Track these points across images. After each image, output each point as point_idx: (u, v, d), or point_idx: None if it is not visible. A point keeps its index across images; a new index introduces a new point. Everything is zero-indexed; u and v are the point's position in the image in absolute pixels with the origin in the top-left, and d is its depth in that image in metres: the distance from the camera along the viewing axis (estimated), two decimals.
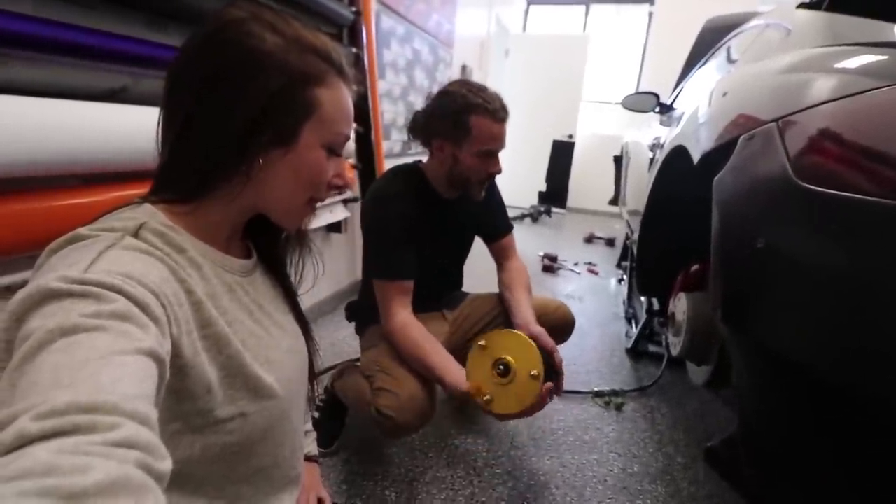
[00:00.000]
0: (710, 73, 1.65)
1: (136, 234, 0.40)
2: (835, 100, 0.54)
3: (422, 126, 1.06)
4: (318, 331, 1.96)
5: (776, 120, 0.62)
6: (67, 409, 0.23)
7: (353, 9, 1.69)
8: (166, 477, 0.25)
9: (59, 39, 0.82)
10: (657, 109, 1.93)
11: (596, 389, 1.60)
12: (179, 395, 0.40)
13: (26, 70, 0.79)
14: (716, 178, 0.73)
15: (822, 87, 0.58)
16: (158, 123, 0.46)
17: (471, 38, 3.50)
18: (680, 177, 1.09)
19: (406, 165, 1.14)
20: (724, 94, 0.85)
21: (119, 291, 0.32)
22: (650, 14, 4.87)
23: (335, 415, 1.23)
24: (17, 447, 0.21)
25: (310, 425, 0.76)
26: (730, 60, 1.48)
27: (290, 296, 0.61)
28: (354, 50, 1.74)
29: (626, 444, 1.33)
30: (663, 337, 1.86)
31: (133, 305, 0.33)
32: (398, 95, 2.34)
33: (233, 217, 0.50)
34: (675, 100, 2.08)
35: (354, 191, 1.97)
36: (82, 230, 0.38)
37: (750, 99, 0.76)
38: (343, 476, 1.14)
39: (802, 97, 0.60)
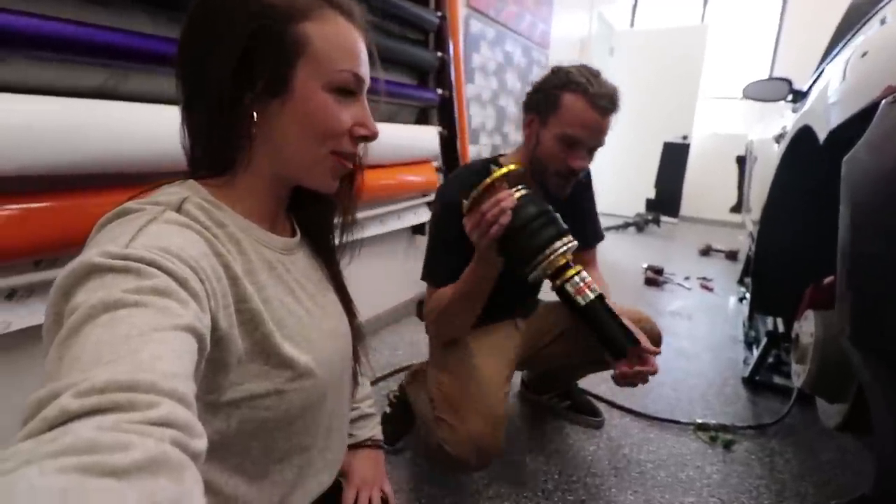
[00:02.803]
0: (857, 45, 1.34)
1: (178, 209, 0.41)
2: None
3: (525, 98, 0.98)
4: (398, 330, 2.00)
5: None
6: (107, 386, 0.24)
7: (439, 13, 1.72)
8: (202, 456, 0.25)
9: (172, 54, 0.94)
10: (790, 98, 1.64)
11: (699, 421, 1.37)
12: (215, 366, 0.41)
13: (144, 81, 0.91)
14: (846, 157, 0.57)
15: None
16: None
17: (569, 38, 3.36)
18: (807, 165, 0.88)
19: (484, 160, 1.06)
20: (864, 55, 0.67)
21: (159, 267, 0.33)
22: None
23: (406, 414, 1.21)
24: (59, 423, 0.22)
25: (373, 408, 0.74)
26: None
27: (335, 277, 0.60)
28: (440, 54, 1.76)
29: (733, 490, 1.12)
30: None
31: (172, 281, 0.33)
32: (487, 99, 2.32)
33: (265, 187, 0.48)
34: (812, 84, 1.75)
35: None
36: (131, 204, 0.40)
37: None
38: (406, 476, 1.12)
39: None
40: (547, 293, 1.21)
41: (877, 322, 0.49)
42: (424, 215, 1.90)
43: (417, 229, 1.98)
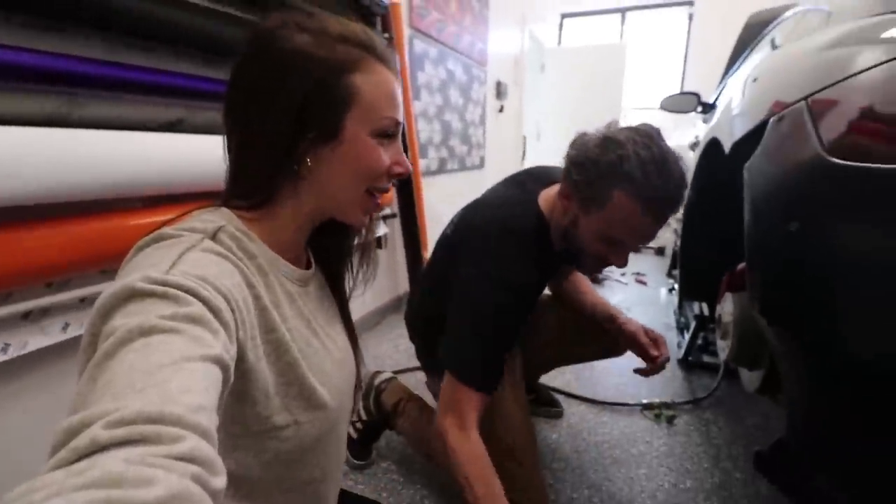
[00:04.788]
0: (752, 65, 1.58)
1: (214, 237, 0.41)
2: (860, 72, 0.51)
3: (568, 159, 0.81)
4: (361, 345, 2.00)
5: (805, 98, 0.59)
6: (136, 418, 0.25)
7: (386, 35, 1.78)
8: (220, 494, 0.26)
9: (125, 79, 0.93)
10: (699, 109, 1.87)
11: (645, 402, 1.52)
12: (241, 399, 0.42)
13: (97, 107, 0.90)
14: (746, 165, 0.70)
15: (847, 60, 0.56)
16: (224, 141, 0.48)
17: (505, 56, 3.55)
18: (717, 172, 1.04)
19: (523, 213, 0.86)
20: (755, 80, 0.82)
21: (195, 295, 0.34)
22: (690, 15, 4.74)
23: (377, 431, 1.24)
24: (88, 454, 0.23)
25: None
26: (774, 48, 1.41)
27: (343, 309, 0.61)
28: None
29: (678, 459, 1.26)
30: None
31: (206, 310, 0.34)
32: (433, 115, 2.41)
33: (301, 222, 0.50)
34: (717, 97, 2.00)
35: (392, 207, 2.04)
36: (167, 230, 0.40)
37: (779, 81, 0.73)
38: (383, 484, 1.15)
39: (830, 72, 0.57)
40: None
41: (775, 295, 0.61)
42: (380, 229, 1.94)
43: (375, 242, 2.01)
